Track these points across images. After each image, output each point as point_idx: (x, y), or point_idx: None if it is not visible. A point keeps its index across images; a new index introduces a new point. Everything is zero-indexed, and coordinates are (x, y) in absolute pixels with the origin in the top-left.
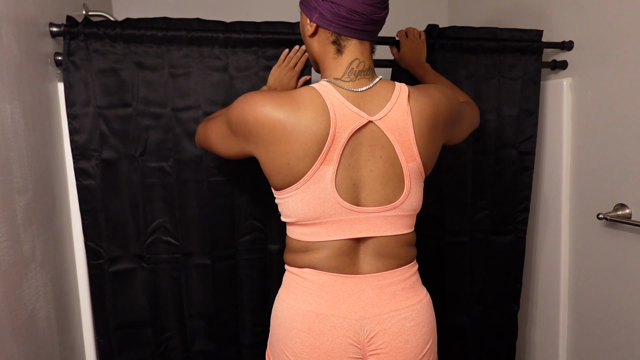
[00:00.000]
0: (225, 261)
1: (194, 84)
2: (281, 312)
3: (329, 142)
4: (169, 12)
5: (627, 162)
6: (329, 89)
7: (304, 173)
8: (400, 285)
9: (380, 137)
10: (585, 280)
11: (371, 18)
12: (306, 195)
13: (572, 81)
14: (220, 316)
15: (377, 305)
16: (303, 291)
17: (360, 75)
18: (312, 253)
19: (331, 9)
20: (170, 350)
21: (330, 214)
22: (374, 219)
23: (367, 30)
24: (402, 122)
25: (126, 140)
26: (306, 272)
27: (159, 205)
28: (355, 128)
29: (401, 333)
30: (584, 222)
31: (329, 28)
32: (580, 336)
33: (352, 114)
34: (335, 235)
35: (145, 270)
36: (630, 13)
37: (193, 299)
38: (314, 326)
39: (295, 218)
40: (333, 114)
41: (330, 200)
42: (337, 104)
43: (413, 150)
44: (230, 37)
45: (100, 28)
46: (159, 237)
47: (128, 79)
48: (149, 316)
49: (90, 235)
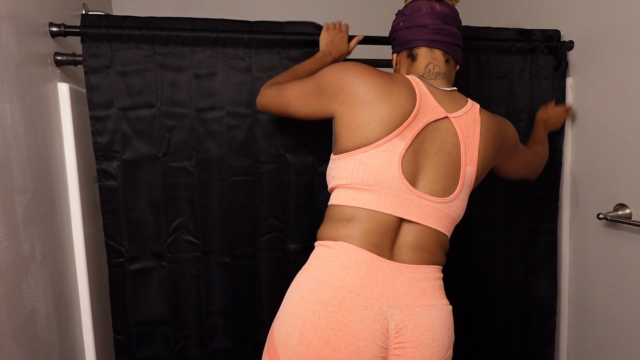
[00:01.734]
0: (245, 260)
1: (218, 85)
2: (306, 284)
3: (410, 120)
4: (169, 11)
5: (627, 162)
6: (417, 81)
7: (379, 138)
8: (431, 283)
9: (452, 134)
10: (585, 280)
11: (435, 29)
12: (372, 159)
13: (572, 81)
14: (239, 314)
15: (409, 297)
16: (337, 265)
17: (439, 77)
18: (355, 222)
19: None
20: (188, 347)
21: (388, 186)
22: (425, 206)
23: (435, 40)
24: (472, 126)
25: (149, 141)
26: (343, 245)
27: (180, 205)
28: (433, 118)
29: (430, 329)
30: (584, 222)
31: (402, 49)
32: (580, 336)
33: (433, 105)
34: (385, 208)
35: (166, 269)
36: (630, 13)
37: (212, 296)
38: (345, 302)
39: (350, 180)
40: (419, 99)
41: (393, 172)
42: (424, 93)
43: (474, 154)
44: (254, 38)
45: (125, 29)
46: (179, 236)
47: (152, 80)
48: (167, 314)
49: (111, 234)
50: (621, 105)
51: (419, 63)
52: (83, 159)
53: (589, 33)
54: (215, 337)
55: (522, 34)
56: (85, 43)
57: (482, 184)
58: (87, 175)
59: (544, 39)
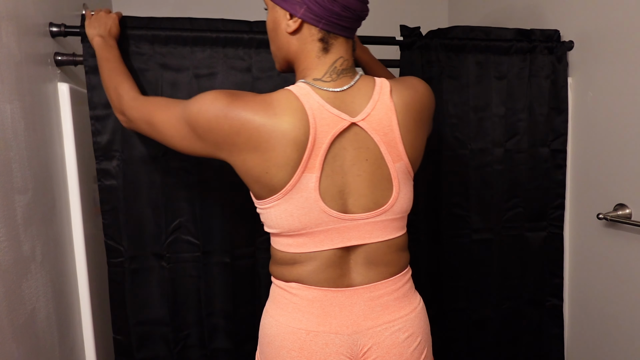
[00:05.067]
0: (245, 259)
1: (218, 85)
2: (270, 330)
3: (309, 149)
4: (169, 11)
5: (627, 162)
6: (307, 91)
7: (285, 182)
8: (393, 296)
9: (364, 138)
10: (585, 280)
11: (360, 15)
12: (289, 205)
13: (572, 81)
14: (239, 314)
15: (369, 318)
16: (292, 307)
17: (343, 74)
18: (300, 266)
19: (323, 4)
20: (188, 347)
21: (317, 224)
22: (363, 225)
23: (354, 28)
24: (387, 120)
25: (149, 141)
26: (294, 287)
27: (180, 205)
28: (337, 132)
29: (395, 346)
30: (584, 222)
31: (317, 25)
32: (580, 335)
33: (332, 118)
34: (323, 246)
35: (165, 269)
36: (630, 13)
37: (212, 297)
38: (306, 344)
39: (279, 229)
40: (312, 119)
41: (316, 210)
42: (317, 108)
43: (399, 149)
44: (254, 38)
45: (125, 29)
46: (179, 236)
47: (153, 79)
48: (167, 314)
49: (110, 234)
50: (621, 105)
51: (328, 58)
52: (83, 159)
53: (589, 33)
54: (215, 337)
55: (522, 34)
56: (86, 43)
57: (482, 183)
58: (87, 175)
59: (543, 39)
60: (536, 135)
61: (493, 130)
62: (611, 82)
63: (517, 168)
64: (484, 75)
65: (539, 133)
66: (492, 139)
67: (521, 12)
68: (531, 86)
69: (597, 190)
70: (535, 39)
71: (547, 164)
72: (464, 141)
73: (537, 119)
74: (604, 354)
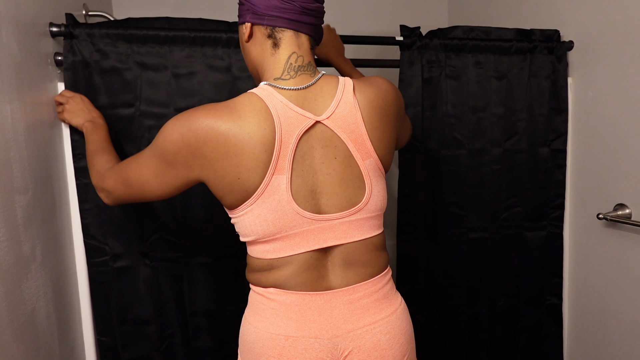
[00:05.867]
0: (228, 259)
1: (197, 84)
2: (249, 337)
3: (277, 149)
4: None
5: (627, 162)
6: (269, 92)
7: (257, 186)
8: (373, 297)
9: (331, 137)
10: (585, 280)
11: (304, 7)
12: (262, 209)
13: (572, 81)
14: (223, 313)
15: (349, 321)
16: (270, 313)
17: (301, 70)
18: (277, 271)
19: (263, 1)
20: (173, 346)
21: (291, 227)
22: (338, 225)
23: (302, 22)
24: (351, 117)
25: (129, 140)
26: (272, 292)
27: (161, 205)
28: (302, 131)
29: (376, 348)
30: (584, 222)
31: (262, 22)
32: (579, 335)
33: (297, 116)
34: (299, 249)
35: (148, 268)
36: (630, 13)
37: (195, 296)
38: (285, 350)
39: (254, 236)
40: (277, 118)
41: (289, 212)
42: (280, 107)
43: (367, 146)
44: (233, 37)
45: (102, 28)
46: (161, 236)
47: (131, 79)
48: (152, 313)
49: (92, 233)
50: (621, 105)
51: (281, 54)
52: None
53: (589, 33)
54: (200, 336)
55: (522, 34)
56: (66, 40)
57: (481, 183)
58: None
59: (543, 39)
60: (536, 135)
61: (492, 130)
62: (611, 82)
63: (517, 168)
64: (483, 75)
65: (539, 133)
66: (491, 139)
67: (521, 12)
68: (531, 86)
69: (597, 190)
70: (535, 39)
71: (547, 163)
72: (463, 141)
73: (537, 118)
74: (603, 352)
